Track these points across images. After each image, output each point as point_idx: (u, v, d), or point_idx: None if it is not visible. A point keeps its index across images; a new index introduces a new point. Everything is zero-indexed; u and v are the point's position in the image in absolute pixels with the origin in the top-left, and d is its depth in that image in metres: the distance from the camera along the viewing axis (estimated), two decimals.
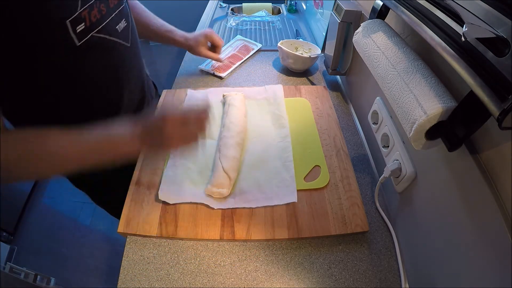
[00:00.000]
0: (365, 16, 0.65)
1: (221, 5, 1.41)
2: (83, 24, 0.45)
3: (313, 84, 0.87)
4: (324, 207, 0.52)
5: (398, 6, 0.39)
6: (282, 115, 0.69)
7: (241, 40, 1.06)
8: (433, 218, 0.41)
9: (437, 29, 0.31)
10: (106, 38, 0.51)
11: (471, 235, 0.33)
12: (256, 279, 0.46)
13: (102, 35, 0.50)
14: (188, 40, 0.81)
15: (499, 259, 0.28)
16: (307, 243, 0.51)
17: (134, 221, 0.51)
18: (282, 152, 0.61)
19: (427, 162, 0.42)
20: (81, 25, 0.45)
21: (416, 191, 0.46)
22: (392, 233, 0.52)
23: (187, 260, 0.49)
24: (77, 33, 0.45)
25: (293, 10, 1.36)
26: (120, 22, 0.54)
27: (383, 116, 0.55)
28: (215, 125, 0.68)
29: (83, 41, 0.46)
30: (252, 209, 0.52)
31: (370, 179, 0.62)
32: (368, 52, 0.46)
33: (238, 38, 1.07)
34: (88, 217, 1.58)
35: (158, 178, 0.58)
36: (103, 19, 0.49)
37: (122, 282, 0.46)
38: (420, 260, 0.44)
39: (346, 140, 0.69)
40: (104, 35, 0.50)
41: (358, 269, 0.48)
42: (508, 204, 0.27)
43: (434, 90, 0.33)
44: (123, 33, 0.55)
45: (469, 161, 0.32)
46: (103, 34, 0.50)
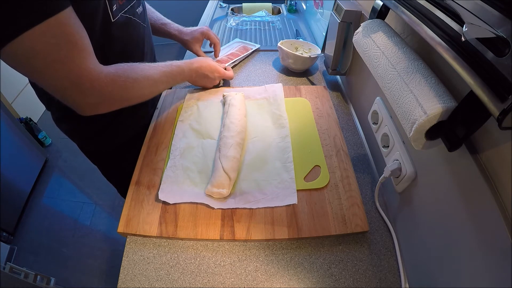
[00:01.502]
0: (365, 16, 0.65)
1: (221, 5, 1.41)
2: (116, 5, 0.54)
3: (313, 84, 0.87)
4: (324, 207, 0.52)
5: (398, 6, 0.39)
6: (282, 115, 0.69)
7: (239, 42, 1.04)
8: (433, 218, 0.41)
9: (437, 29, 0.31)
10: (131, 18, 0.60)
11: (471, 235, 0.33)
12: (256, 279, 0.46)
13: (128, 15, 0.59)
14: (183, 34, 0.84)
15: (499, 259, 0.28)
16: (307, 243, 0.51)
17: (134, 221, 0.51)
18: (282, 153, 0.61)
19: (427, 162, 0.42)
20: (115, 5, 0.53)
21: (416, 191, 0.46)
22: (392, 233, 0.52)
23: (187, 260, 0.49)
24: (113, 11, 0.53)
25: (293, 10, 1.36)
26: (139, 7, 0.64)
27: (383, 116, 0.55)
28: (215, 125, 0.68)
29: (116, 18, 0.54)
30: (252, 209, 0.52)
31: (370, 179, 0.62)
32: (368, 52, 0.46)
33: (236, 41, 1.05)
34: (88, 217, 1.58)
35: (158, 178, 0.58)
36: (128, 2, 0.58)
37: (122, 282, 0.46)
38: (420, 260, 0.44)
39: (346, 140, 0.69)
40: (129, 15, 0.59)
41: (358, 269, 0.48)
42: (508, 204, 0.27)
43: (434, 90, 0.33)
44: (141, 16, 0.65)
45: (469, 161, 0.32)
46: (129, 15, 0.59)
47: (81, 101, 0.48)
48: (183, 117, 0.69)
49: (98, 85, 0.47)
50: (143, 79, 0.56)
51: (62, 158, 1.91)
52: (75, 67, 0.43)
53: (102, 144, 0.73)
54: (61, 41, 0.40)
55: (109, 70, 0.49)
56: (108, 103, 0.52)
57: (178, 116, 0.70)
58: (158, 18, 0.83)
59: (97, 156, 0.78)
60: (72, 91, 0.45)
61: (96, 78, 0.46)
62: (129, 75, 0.53)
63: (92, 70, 0.45)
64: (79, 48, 0.43)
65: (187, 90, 0.78)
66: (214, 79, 0.76)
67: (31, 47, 0.38)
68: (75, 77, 0.44)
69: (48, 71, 0.42)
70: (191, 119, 0.69)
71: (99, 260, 1.40)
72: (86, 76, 0.45)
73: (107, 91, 0.49)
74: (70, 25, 0.41)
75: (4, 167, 1.42)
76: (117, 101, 0.54)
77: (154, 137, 0.67)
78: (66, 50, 0.42)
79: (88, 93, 0.47)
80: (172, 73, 0.64)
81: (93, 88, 0.46)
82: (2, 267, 1.13)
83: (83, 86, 0.45)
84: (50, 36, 0.39)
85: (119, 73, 0.51)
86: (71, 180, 1.79)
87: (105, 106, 0.52)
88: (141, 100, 0.59)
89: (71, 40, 0.42)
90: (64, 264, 1.39)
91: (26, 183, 1.64)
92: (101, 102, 0.50)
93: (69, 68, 0.43)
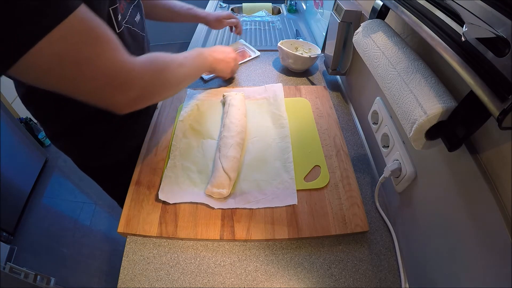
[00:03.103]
0: (365, 16, 0.65)
1: (221, 5, 1.41)
2: (119, 15, 0.52)
3: (313, 84, 0.87)
4: (324, 207, 0.52)
5: (398, 6, 0.39)
6: (282, 115, 0.69)
7: (242, 46, 1.04)
8: (433, 218, 0.41)
9: (437, 29, 0.31)
10: (131, 28, 0.58)
11: (471, 235, 0.33)
12: (256, 279, 0.46)
13: (128, 25, 0.57)
14: (209, 15, 0.90)
15: (499, 259, 0.28)
16: (307, 243, 0.51)
17: (134, 221, 0.51)
18: (282, 153, 0.61)
19: (427, 162, 0.42)
20: (118, 15, 0.51)
21: (416, 191, 0.46)
22: (392, 233, 0.52)
23: (187, 260, 0.49)
24: (117, 21, 0.51)
25: (293, 10, 1.36)
26: (136, 15, 0.61)
27: (383, 116, 0.55)
28: (215, 125, 0.68)
29: (120, 29, 0.53)
30: (252, 209, 0.52)
31: (370, 179, 0.62)
32: (368, 52, 0.46)
33: (241, 42, 1.05)
34: (88, 217, 1.58)
35: (158, 178, 0.58)
36: (126, 11, 0.56)
37: (122, 282, 0.46)
38: (420, 260, 0.44)
39: (346, 140, 0.69)
40: (129, 25, 0.57)
41: (358, 269, 0.48)
42: (508, 204, 0.27)
43: (434, 90, 0.33)
44: (139, 24, 0.62)
45: (469, 161, 0.32)
46: (129, 24, 0.57)
47: (120, 97, 0.44)
48: (183, 117, 0.69)
49: (135, 77, 0.43)
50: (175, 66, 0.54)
51: (62, 158, 1.91)
52: (107, 62, 0.39)
53: (100, 160, 0.69)
54: (86, 38, 0.36)
55: (142, 59, 0.46)
56: (148, 95, 0.49)
57: (178, 116, 0.70)
58: (182, 5, 0.87)
59: (96, 172, 0.75)
60: (109, 89, 0.41)
61: (132, 69, 0.43)
62: (161, 62, 0.50)
63: (126, 62, 0.42)
64: (107, 41, 0.39)
65: (187, 90, 0.78)
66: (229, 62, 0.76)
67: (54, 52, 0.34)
68: (110, 73, 0.40)
69: (79, 74, 0.38)
70: (191, 119, 0.69)
71: (99, 260, 1.40)
72: (121, 69, 0.41)
73: (145, 81, 0.45)
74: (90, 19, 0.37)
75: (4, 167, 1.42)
76: (156, 92, 0.50)
77: (154, 137, 0.67)
78: (94, 46, 0.38)
79: (126, 87, 0.43)
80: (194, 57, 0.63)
81: (131, 80, 0.43)
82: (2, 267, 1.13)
83: (120, 80, 0.41)
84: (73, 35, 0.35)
85: (152, 62, 0.48)
86: (71, 180, 1.79)
87: (145, 99, 0.48)
88: (176, 88, 0.57)
89: (97, 34, 0.38)
90: (64, 264, 1.39)
91: (26, 183, 1.64)
92: (140, 95, 0.46)
93: (101, 64, 0.39)
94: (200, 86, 0.86)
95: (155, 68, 0.48)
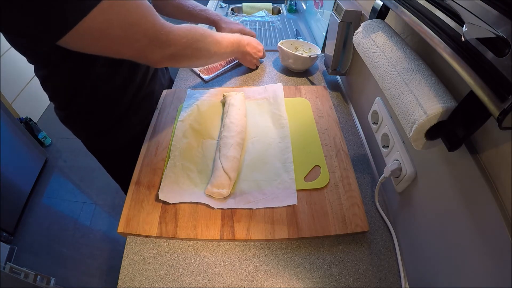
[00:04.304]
0: (365, 16, 0.65)
1: (221, 5, 1.41)
2: None
3: (313, 84, 0.87)
4: (324, 207, 0.52)
5: (398, 6, 0.39)
6: (282, 115, 0.69)
7: None
8: (433, 218, 0.41)
9: (437, 29, 0.31)
10: None
11: (471, 235, 0.33)
12: (256, 279, 0.46)
13: None
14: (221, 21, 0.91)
15: (499, 259, 0.28)
16: (307, 243, 0.51)
17: (134, 221, 0.51)
18: (282, 153, 0.61)
19: (427, 162, 0.42)
20: None
21: (416, 191, 0.46)
22: (392, 233, 0.52)
23: (187, 260, 0.49)
24: None
25: (293, 10, 1.36)
26: None
27: (383, 116, 0.55)
28: (215, 125, 0.68)
29: None
30: (252, 210, 0.52)
31: (370, 179, 0.62)
32: (368, 52, 0.46)
33: None
34: (88, 217, 1.58)
35: (158, 178, 0.58)
36: None
37: (122, 282, 0.46)
38: (420, 260, 0.44)
39: (346, 140, 0.69)
40: None
41: (358, 269, 0.48)
42: (508, 204, 0.27)
43: (434, 90, 0.33)
44: None
45: (469, 161, 0.32)
46: None
47: (159, 54, 0.51)
48: (183, 117, 0.69)
49: (173, 37, 0.51)
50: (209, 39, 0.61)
51: (62, 158, 1.91)
52: (150, 25, 0.46)
53: (108, 142, 0.75)
54: (130, 6, 0.42)
55: (181, 26, 0.53)
56: (181, 57, 0.56)
57: (178, 116, 0.70)
58: (195, 5, 0.90)
59: (103, 155, 0.80)
60: (151, 47, 0.48)
61: (170, 31, 0.50)
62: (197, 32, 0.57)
63: (165, 24, 0.49)
64: (147, 7, 0.45)
65: (187, 90, 0.78)
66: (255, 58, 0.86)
67: (105, 19, 0.40)
68: (153, 34, 0.47)
69: (127, 37, 0.44)
70: (191, 119, 0.69)
71: (99, 260, 1.40)
72: (162, 30, 0.48)
73: (181, 44, 0.53)
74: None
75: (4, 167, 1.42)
76: (188, 56, 0.57)
77: (154, 137, 0.67)
78: (137, 13, 0.44)
79: (165, 45, 0.50)
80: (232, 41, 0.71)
81: (170, 40, 0.50)
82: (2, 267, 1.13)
83: (160, 40, 0.48)
84: (118, 4, 0.41)
85: (190, 30, 0.55)
86: (71, 180, 1.79)
87: (179, 59, 0.57)
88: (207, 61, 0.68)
89: (138, 2, 0.44)
90: (64, 264, 1.39)
91: (26, 183, 1.64)
92: (175, 55, 0.53)
93: (146, 27, 0.45)
94: (200, 86, 0.86)
95: (192, 36, 0.55)
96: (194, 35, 0.56)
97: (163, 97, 0.78)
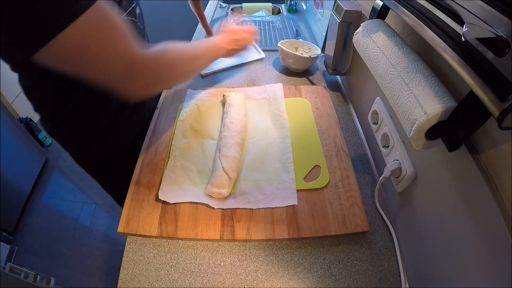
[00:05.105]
0: (365, 16, 0.65)
1: (221, 5, 1.41)
2: (119, 7, 0.54)
3: (313, 84, 0.87)
4: (324, 207, 0.52)
5: (398, 6, 0.39)
6: (282, 115, 0.69)
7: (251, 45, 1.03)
8: (433, 218, 0.41)
9: (437, 29, 0.31)
10: (132, 19, 0.59)
11: (471, 235, 0.33)
12: (256, 279, 0.46)
13: (130, 17, 0.58)
14: None
15: (499, 259, 0.28)
16: (307, 243, 0.51)
17: (134, 221, 0.51)
18: (282, 153, 0.61)
19: (427, 162, 0.42)
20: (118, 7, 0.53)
21: (416, 191, 0.46)
22: (392, 233, 0.52)
23: (187, 260, 0.49)
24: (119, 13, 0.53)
25: (293, 10, 1.36)
26: (137, 8, 0.63)
27: (383, 116, 0.55)
28: (215, 125, 0.68)
29: None
30: (252, 210, 0.52)
31: (370, 179, 0.62)
32: (368, 52, 0.46)
33: None
34: (88, 217, 1.58)
35: (158, 178, 0.58)
36: (129, 4, 0.58)
37: (122, 282, 0.46)
38: (420, 260, 0.44)
39: (346, 140, 0.69)
40: (131, 17, 0.59)
41: (358, 269, 0.48)
42: (508, 204, 0.27)
43: (434, 90, 0.33)
44: (140, 17, 0.64)
45: (469, 161, 0.32)
46: (130, 17, 0.59)
47: (134, 84, 0.48)
48: (183, 117, 0.69)
49: (148, 66, 0.48)
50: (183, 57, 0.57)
51: (62, 158, 1.91)
52: (125, 52, 0.44)
53: (98, 152, 0.71)
54: (106, 28, 0.40)
55: (153, 51, 0.50)
56: (159, 84, 0.53)
57: (178, 116, 0.70)
58: None
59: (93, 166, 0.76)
60: (125, 76, 0.46)
61: (145, 58, 0.47)
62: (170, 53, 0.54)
63: (140, 52, 0.46)
64: (124, 33, 0.43)
65: (187, 90, 0.78)
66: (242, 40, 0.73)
67: (78, 40, 0.38)
68: (126, 62, 0.44)
69: (100, 61, 0.42)
70: (191, 119, 0.69)
71: (99, 260, 1.40)
72: (136, 58, 0.45)
73: (156, 72, 0.49)
74: (109, 11, 0.41)
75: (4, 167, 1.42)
76: (165, 81, 0.55)
77: (154, 137, 0.67)
78: (113, 36, 0.42)
79: (140, 75, 0.47)
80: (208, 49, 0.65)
81: (145, 69, 0.47)
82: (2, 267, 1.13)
83: (134, 69, 0.46)
84: (94, 25, 0.39)
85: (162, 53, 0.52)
86: (71, 180, 1.79)
87: (156, 87, 0.53)
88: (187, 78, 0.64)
89: (115, 26, 0.42)
90: (64, 264, 1.39)
91: (26, 183, 1.64)
92: (151, 83, 0.50)
93: (119, 53, 0.43)
94: (200, 86, 0.86)
95: (166, 62, 0.52)
96: (168, 60, 0.52)
97: (163, 97, 0.78)
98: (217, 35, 0.70)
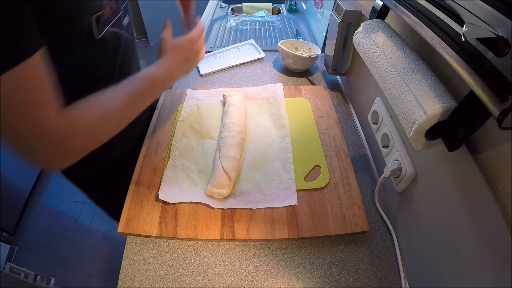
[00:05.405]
0: (365, 16, 0.65)
1: (221, 5, 1.41)
2: (103, 20, 0.49)
3: (313, 84, 0.87)
4: (324, 207, 0.52)
5: (398, 6, 0.39)
6: (282, 115, 0.69)
7: (251, 45, 1.03)
8: (433, 218, 0.41)
9: (437, 29, 0.31)
10: (117, 32, 0.54)
11: (471, 235, 0.33)
12: (256, 279, 0.46)
13: (114, 29, 0.53)
14: None
15: (499, 259, 0.28)
16: (307, 243, 0.51)
17: (134, 221, 0.51)
18: (282, 153, 0.61)
19: (427, 162, 0.42)
20: (100, 21, 0.48)
21: (416, 191, 0.46)
22: (392, 233, 0.52)
23: (187, 260, 0.49)
24: (98, 28, 0.48)
25: (293, 10, 1.36)
26: (125, 17, 0.57)
27: (383, 116, 0.55)
28: (215, 125, 0.68)
29: (101, 35, 0.49)
30: (252, 210, 0.52)
31: (370, 179, 0.62)
32: (368, 52, 0.46)
33: (250, 42, 1.05)
34: (88, 217, 1.58)
35: (158, 178, 0.58)
36: (114, 14, 0.52)
37: (122, 282, 0.46)
38: (420, 260, 0.44)
39: (346, 140, 0.69)
40: (115, 29, 0.53)
41: (358, 269, 0.48)
42: (508, 204, 0.27)
43: (434, 90, 0.33)
44: (127, 28, 0.59)
45: (469, 161, 0.32)
46: (115, 28, 0.53)
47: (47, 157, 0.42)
48: (183, 117, 0.69)
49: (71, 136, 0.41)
50: (119, 111, 0.47)
51: None
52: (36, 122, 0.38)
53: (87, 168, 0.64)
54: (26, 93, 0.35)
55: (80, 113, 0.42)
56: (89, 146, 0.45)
57: (178, 116, 0.70)
58: None
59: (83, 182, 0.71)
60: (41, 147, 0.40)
61: (66, 128, 0.40)
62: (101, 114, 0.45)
63: (52, 124, 0.39)
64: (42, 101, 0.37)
65: (187, 90, 0.78)
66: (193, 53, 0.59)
67: None
68: (37, 132, 0.38)
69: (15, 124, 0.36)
70: (191, 119, 0.69)
71: (99, 260, 1.40)
72: (47, 130, 0.39)
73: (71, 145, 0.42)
74: (36, 73, 0.36)
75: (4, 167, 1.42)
76: (98, 140, 0.46)
77: (154, 137, 0.67)
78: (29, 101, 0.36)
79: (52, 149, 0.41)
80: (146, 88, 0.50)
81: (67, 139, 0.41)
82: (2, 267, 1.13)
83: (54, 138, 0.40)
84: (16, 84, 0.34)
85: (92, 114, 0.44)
86: None
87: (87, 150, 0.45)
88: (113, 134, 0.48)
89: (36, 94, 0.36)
90: (64, 264, 1.39)
91: (26, 183, 1.64)
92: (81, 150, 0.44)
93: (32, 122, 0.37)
94: (200, 86, 0.86)
95: (94, 121, 0.44)
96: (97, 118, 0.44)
97: (163, 97, 0.78)
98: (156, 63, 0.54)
